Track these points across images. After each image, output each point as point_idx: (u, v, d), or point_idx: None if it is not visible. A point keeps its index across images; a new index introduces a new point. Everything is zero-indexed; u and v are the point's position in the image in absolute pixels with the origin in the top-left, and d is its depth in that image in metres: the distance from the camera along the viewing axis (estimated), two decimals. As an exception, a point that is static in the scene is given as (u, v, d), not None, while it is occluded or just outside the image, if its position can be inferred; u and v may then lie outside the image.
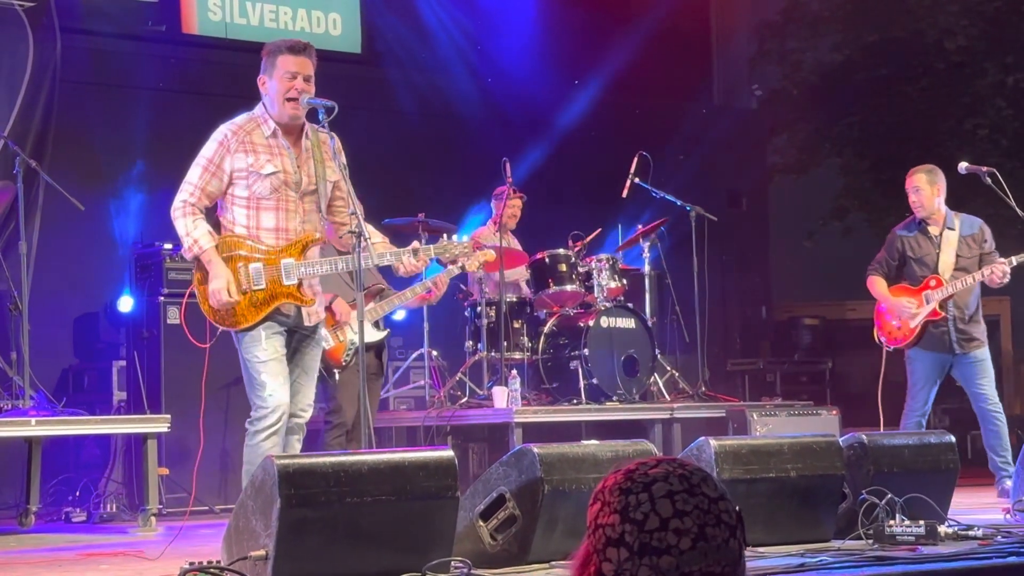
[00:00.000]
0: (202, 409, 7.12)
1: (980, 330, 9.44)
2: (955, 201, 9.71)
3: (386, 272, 9.01)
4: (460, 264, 9.05)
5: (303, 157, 6.54)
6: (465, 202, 12.17)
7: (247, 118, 6.54)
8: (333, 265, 6.59)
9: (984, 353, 9.40)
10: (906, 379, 9.57)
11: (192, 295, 6.58)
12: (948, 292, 9.28)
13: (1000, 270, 9.18)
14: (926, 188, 9.42)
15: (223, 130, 6.50)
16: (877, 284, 9.61)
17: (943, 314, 9.31)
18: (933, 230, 9.44)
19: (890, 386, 9.60)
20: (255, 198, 6.44)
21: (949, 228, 9.42)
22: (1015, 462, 9.14)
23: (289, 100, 6.44)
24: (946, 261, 9.36)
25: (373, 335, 8.76)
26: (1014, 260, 9.19)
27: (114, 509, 9.33)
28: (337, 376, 8.63)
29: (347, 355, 8.59)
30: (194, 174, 6.46)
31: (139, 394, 9.62)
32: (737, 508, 2.56)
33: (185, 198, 6.43)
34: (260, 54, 6.62)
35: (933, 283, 9.34)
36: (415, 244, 6.81)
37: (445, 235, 7.15)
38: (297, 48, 6.53)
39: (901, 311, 9.42)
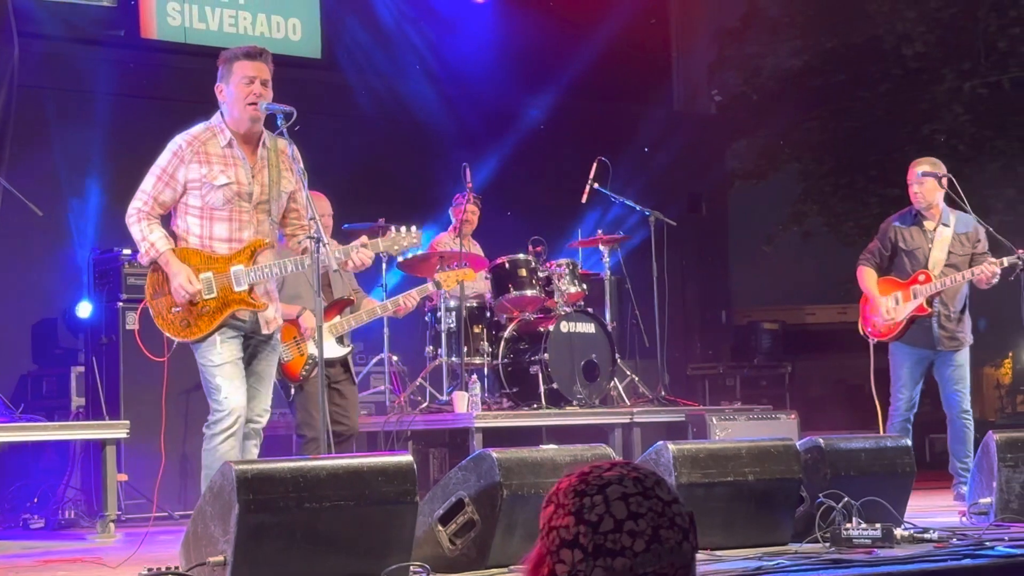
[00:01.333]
0: (163, 421, 7.11)
1: (963, 329, 9.34)
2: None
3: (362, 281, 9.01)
4: (436, 281, 9.05)
5: (258, 167, 6.53)
6: (425, 207, 12.17)
7: (203, 128, 6.54)
8: (283, 268, 6.58)
9: (964, 357, 9.33)
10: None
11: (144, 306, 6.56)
12: (936, 288, 9.18)
13: (990, 271, 9.07)
14: (929, 180, 9.32)
15: (178, 140, 6.50)
16: (866, 276, 9.48)
17: (929, 310, 9.22)
18: (928, 224, 9.33)
19: (843, 388, 9.59)
20: (208, 208, 6.44)
21: (944, 224, 9.30)
22: None
23: (249, 105, 6.44)
24: (937, 257, 9.25)
25: (337, 350, 8.62)
26: (1005, 261, 9.08)
27: (72, 515, 9.29)
28: (293, 391, 8.50)
29: (305, 370, 8.45)
30: (148, 183, 6.47)
31: (98, 400, 9.57)
32: (690, 511, 2.58)
33: (139, 206, 6.44)
34: (217, 62, 6.60)
35: (922, 278, 9.22)
36: (363, 239, 6.83)
37: (393, 228, 7.09)
38: (253, 53, 6.52)
39: (884, 304, 9.30)
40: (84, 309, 10.10)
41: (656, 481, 2.58)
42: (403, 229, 6.99)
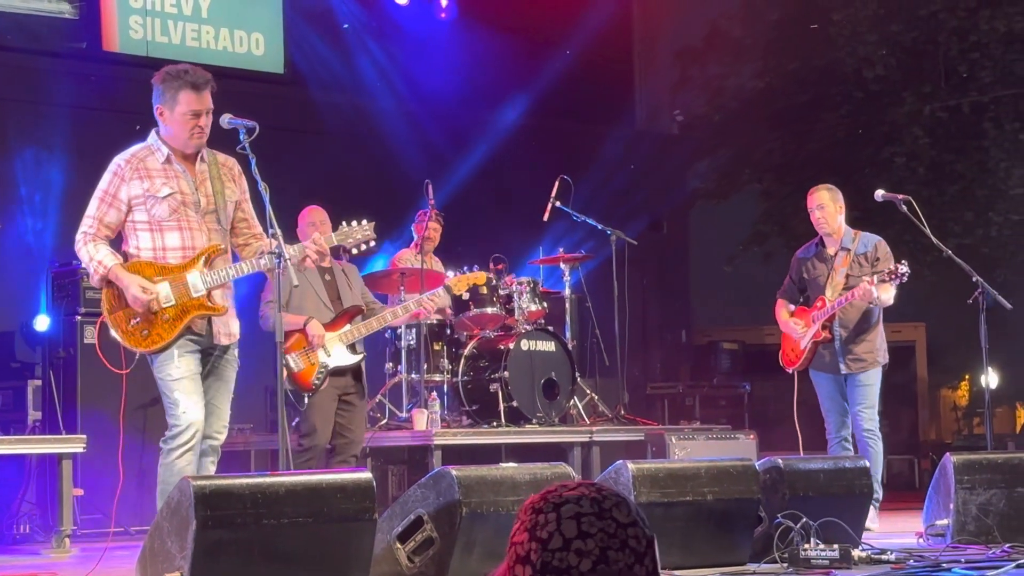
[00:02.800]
0: (121, 436, 7.06)
1: (869, 350, 9.23)
2: (872, 228, 9.79)
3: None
4: (447, 286, 9.11)
5: (200, 179, 6.54)
6: (387, 223, 12.13)
7: (140, 147, 6.56)
8: (238, 270, 6.56)
9: (871, 377, 9.23)
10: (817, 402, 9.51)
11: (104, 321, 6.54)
12: (827, 313, 9.18)
13: (862, 288, 8.95)
14: (830, 205, 9.32)
15: (116, 161, 6.52)
16: (777, 309, 9.62)
17: (825, 334, 9.23)
18: (830, 250, 9.38)
19: (805, 409, 9.63)
20: (156, 221, 6.43)
21: (844, 248, 9.31)
22: (882, 489, 9.18)
23: (193, 138, 6.45)
24: (836, 281, 9.25)
25: (348, 358, 8.69)
26: (875, 279, 8.98)
27: (28, 530, 9.23)
28: (306, 400, 8.54)
29: (317, 378, 8.49)
30: (92, 207, 6.49)
31: (54, 414, 9.51)
32: (650, 535, 2.58)
33: (84, 230, 6.47)
34: (156, 78, 6.52)
35: (819, 304, 9.27)
36: (316, 235, 6.84)
37: (345, 222, 7.10)
38: (199, 84, 6.44)
39: (791, 333, 9.43)
40: (42, 322, 10.04)
41: (616, 503, 2.57)
42: (355, 223, 7.01)
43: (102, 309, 6.49)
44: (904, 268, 8.95)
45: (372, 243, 7.20)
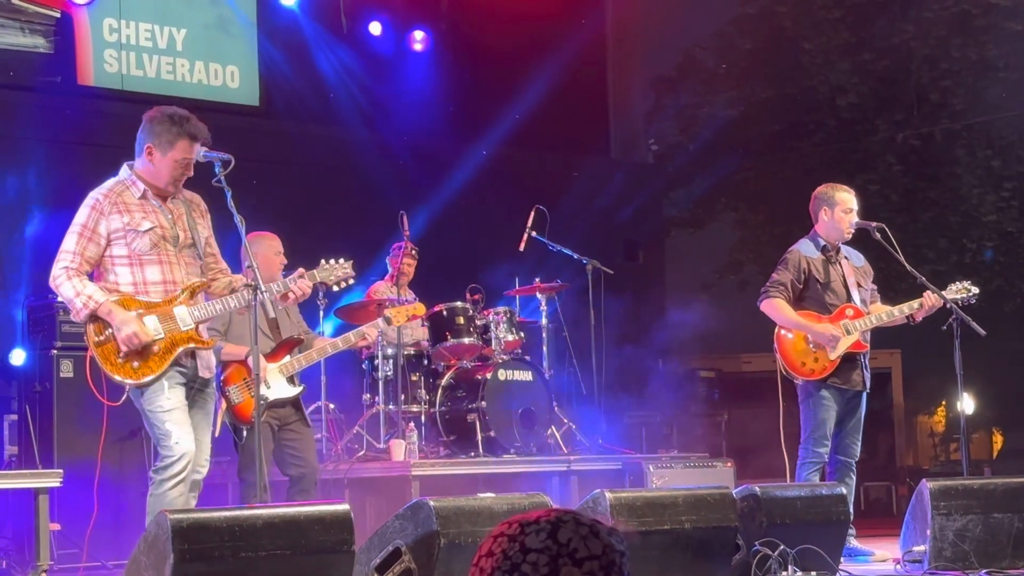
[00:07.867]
0: (98, 467, 7.05)
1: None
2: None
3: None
4: (386, 317, 9.03)
5: (176, 213, 6.57)
6: (362, 255, 12.13)
7: (115, 182, 6.59)
8: (226, 304, 6.59)
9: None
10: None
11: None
12: (872, 324, 8.58)
13: (932, 302, 8.56)
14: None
15: (93, 195, 6.53)
16: (784, 309, 8.62)
17: (866, 346, 8.58)
18: (831, 256, 8.78)
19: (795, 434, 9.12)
20: (136, 255, 6.45)
21: (846, 257, 8.86)
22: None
23: (176, 180, 6.50)
24: (860, 288, 8.74)
25: (288, 391, 8.49)
26: (946, 296, 8.65)
27: (4, 566, 9.17)
28: (244, 433, 8.38)
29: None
30: (70, 242, 6.46)
31: (31, 448, 9.48)
32: (621, 549, 2.61)
33: (65, 265, 6.42)
34: (153, 117, 6.55)
35: (850, 312, 8.58)
36: (300, 270, 6.87)
37: (324, 259, 7.11)
38: (198, 136, 6.49)
39: (826, 339, 8.50)
40: (18, 357, 10.01)
41: (575, 520, 2.61)
42: (333, 260, 7.03)
43: (88, 343, 6.46)
44: (975, 290, 8.75)
45: (352, 281, 7.22)
